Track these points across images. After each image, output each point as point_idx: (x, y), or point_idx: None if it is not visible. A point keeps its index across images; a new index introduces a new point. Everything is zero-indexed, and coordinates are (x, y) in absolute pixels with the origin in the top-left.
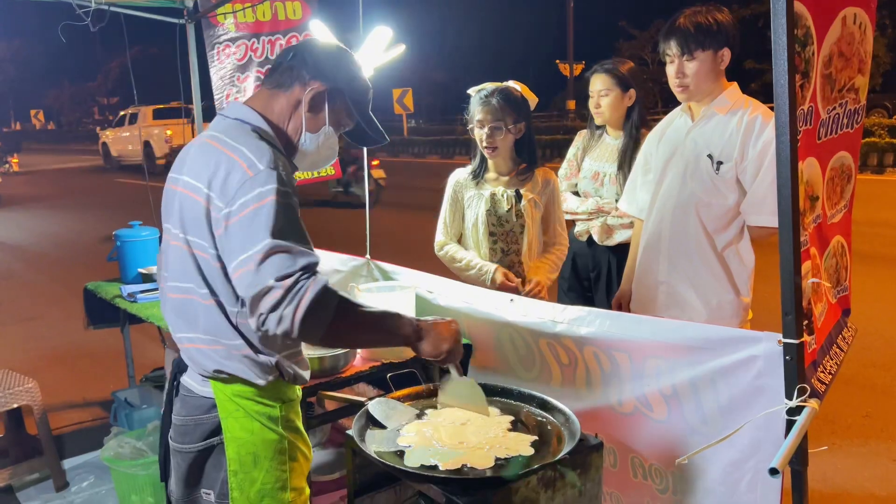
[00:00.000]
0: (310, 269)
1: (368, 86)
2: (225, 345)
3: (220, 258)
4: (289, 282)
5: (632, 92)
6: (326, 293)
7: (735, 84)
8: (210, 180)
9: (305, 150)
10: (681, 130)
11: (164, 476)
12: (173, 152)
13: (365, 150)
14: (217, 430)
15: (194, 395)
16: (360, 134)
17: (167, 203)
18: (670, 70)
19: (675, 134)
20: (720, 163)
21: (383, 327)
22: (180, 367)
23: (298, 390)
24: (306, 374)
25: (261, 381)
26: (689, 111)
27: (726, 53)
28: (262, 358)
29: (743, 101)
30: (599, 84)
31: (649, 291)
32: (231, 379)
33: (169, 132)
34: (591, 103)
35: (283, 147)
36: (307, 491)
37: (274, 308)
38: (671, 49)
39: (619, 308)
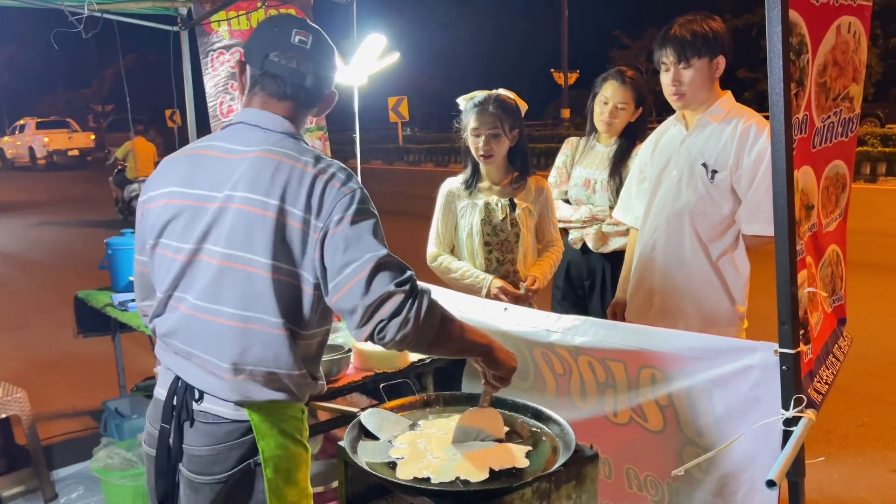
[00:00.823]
0: (415, 277)
1: None
2: (279, 374)
3: (302, 279)
4: (407, 287)
5: (641, 108)
6: (435, 299)
7: (729, 93)
8: (302, 200)
9: None
10: (675, 139)
11: None
12: (50, 154)
13: (358, 156)
14: (251, 453)
15: (225, 422)
16: None
17: (204, 220)
18: (666, 78)
19: (669, 143)
20: (715, 171)
21: (472, 335)
22: (192, 394)
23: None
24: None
25: (303, 401)
26: (684, 120)
27: (721, 61)
28: (319, 384)
29: (737, 109)
30: (620, 96)
31: (644, 300)
32: (271, 404)
33: (46, 139)
34: (605, 110)
35: None
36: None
37: (396, 313)
38: (667, 57)
39: (614, 317)
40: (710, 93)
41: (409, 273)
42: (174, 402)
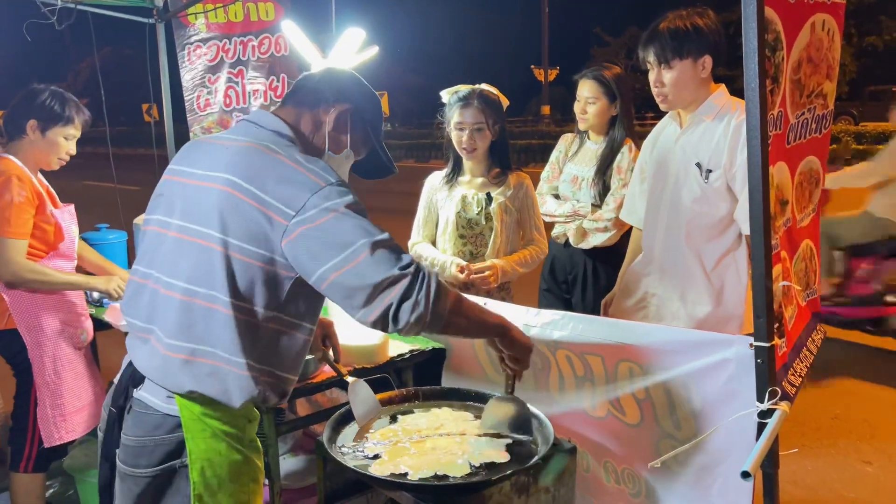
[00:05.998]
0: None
1: (383, 114)
2: (216, 360)
3: (273, 262)
4: (412, 269)
5: (618, 102)
6: (441, 281)
7: (722, 86)
8: (270, 186)
9: None
10: (671, 138)
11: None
12: None
13: None
14: (178, 452)
15: (155, 413)
16: (368, 165)
17: (183, 196)
18: (650, 79)
19: (665, 142)
20: (709, 171)
21: (484, 314)
22: (133, 381)
23: (257, 411)
24: (277, 398)
25: (237, 404)
26: (678, 118)
27: (707, 61)
28: (270, 392)
29: (730, 104)
30: (587, 91)
31: (639, 301)
32: (202, 399)
33: None
34: (578, 108)
35: None
36: None
37: (406, 296)
38: (650, 57)
39: (606, 309)
40: (699, 92)
41: (410, 257)
42: (123, 387)
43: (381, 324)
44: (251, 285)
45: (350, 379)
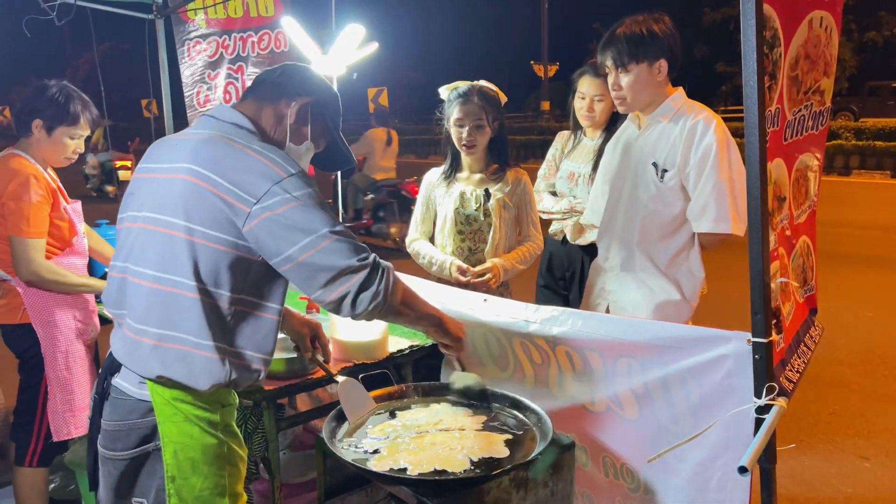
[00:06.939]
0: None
1: (341, 109)
2: (184, 344)
3: (237, 247)
4: (371, 261)
5: None
6: (396, 275)
7: (680, 89)
8: (231, 174)
9: None
10: (631, 139)
11: (94, 485)
12: None
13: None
14: (152, 436)
15: (129, 399)
16: (328, 157)
17: (149, 190)
18: (608, 82)
19: (626, 143)
20: (665, 171)
21: (426, 306)
22: (112, 368)
23: (235, 396)
24: (248, 380)
25: (204, 388)
26: (637, 120)
27: (663, 64)
28: (235, 375)
29: (687, 106)
30: (594, 89)
31: (597, 297)
32: (171, 383)
33: None
34: (583, 105)
35: None
36: (244, 497)
37: (365, 286)
38: (607, 61)
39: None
40: (656, 94)
41: (366, 249)
42: (103, 375)
43: (336, 306)
44: (216, 269)
45: (340, 378)
